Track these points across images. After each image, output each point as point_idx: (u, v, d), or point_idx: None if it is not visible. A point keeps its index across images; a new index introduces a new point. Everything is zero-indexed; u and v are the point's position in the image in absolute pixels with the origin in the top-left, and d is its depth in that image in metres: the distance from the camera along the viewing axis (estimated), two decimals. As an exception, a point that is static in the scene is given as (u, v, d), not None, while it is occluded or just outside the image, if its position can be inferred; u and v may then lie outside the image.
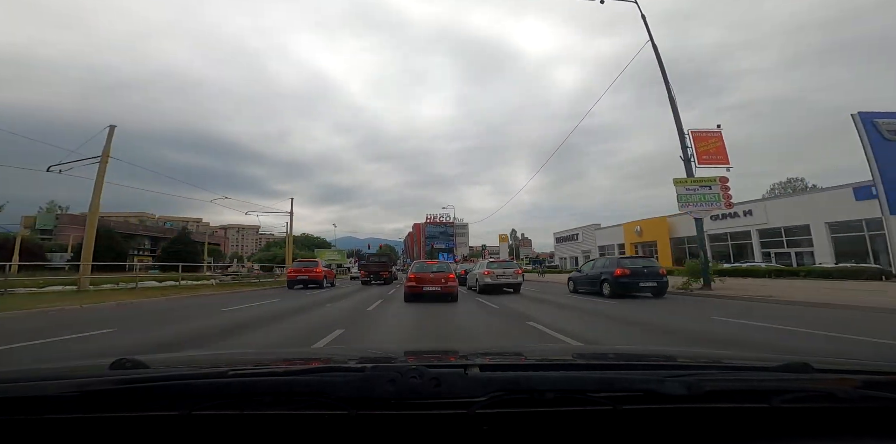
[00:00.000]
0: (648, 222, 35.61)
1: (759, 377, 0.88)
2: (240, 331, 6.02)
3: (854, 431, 0.74)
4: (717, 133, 13.94)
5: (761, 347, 4.59)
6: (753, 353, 2.97)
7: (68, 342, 5.07)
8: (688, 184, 13.26)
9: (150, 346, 4.81)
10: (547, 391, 0.71)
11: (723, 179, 13.27)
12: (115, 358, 0.90)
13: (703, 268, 12.87)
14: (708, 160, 13.63)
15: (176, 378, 0.80)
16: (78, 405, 0.71)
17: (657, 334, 5.71)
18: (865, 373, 0.91)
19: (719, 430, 0.74)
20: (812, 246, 22.98)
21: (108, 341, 5.10)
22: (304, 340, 5.26)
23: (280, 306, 10.09)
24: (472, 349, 1.82)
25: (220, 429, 0.73)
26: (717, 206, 13.16)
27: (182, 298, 12.29)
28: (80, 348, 4.68)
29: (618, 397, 0.73)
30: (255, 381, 0.77)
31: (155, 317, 7.84)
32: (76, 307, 8.82)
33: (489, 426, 0.71)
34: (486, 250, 75.63)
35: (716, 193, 13.07)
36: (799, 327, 5.78)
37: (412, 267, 12.27)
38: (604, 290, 11.85)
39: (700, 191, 13.13)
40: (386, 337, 5.69)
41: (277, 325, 6.74)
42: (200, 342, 5.04)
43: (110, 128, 15.39)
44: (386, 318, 7.65)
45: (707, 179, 13.34)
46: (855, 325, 6.00)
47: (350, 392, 0.69)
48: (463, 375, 0.72)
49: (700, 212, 13.23)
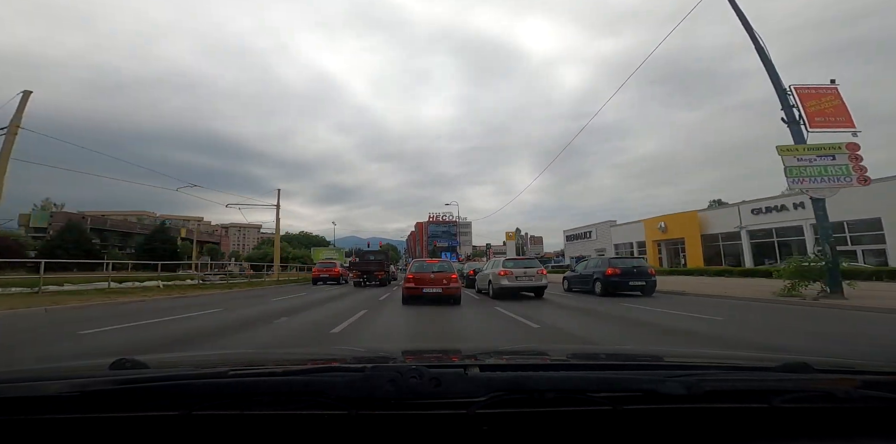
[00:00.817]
0: (675, 217, 31.92)
1: (759, 377, 0.88)
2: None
3: (854, 431, 0.73)
4: (832, 89, 10.40)
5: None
6: (753, 353, 2.83)
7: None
8: (801, 153, 9.74)
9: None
10: (547, 391, 0.71)
11: (852, 145, 9.69)
12: (115, 358, 0.91)
13: (829, 267, 9.16)
14: (824, 123, 10.07)
15: (176, 378, 0.80)
16: (78, 405, 0.71)
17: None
18: (865, 373, 0.92)
19: (719, 430, 0.74)
20: (884, 243, 19.49)
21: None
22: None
23: (200, 322, 6.92)
24: (472, 349, 1.82)
25: (220, 429, 0.73)
26: (846, 181, 9.50)
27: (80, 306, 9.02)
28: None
29: (618, 397, 0.73)
30: (255, 381, 0.76)
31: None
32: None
33: (489, 426, 0.71)
34: (491, 250, 72.96)
35: (843, 165, 9.55)
36: None
37: (411, 266, 10.95)
38: (596, 288, 12.20)
39: (819, 162, 9.64)
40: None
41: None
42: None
43: (24, 93, 12.39)
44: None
45: (828, 146, 9.80)
46: None
47: (350, 392, 0.68)
48: (463, 375, 0.71)
49: (820, 190, 9.63)
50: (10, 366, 2.33)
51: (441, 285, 9.62)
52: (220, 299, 11.70)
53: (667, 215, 32.50)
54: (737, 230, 26.78)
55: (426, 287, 9.59)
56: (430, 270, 10.21)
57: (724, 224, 27.93)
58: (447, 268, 10.57)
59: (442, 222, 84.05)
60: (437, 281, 9.68)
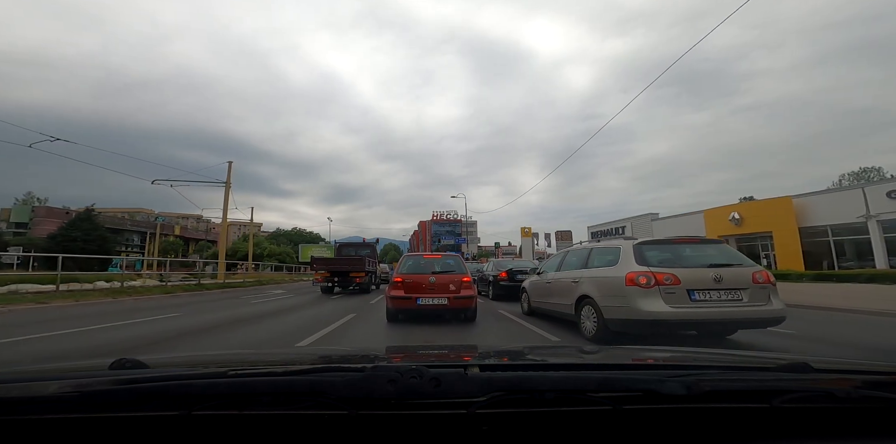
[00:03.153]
0: (756, 205, 23.95)
1: (759, 377, 0.87)
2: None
3: (854, 431, 0.73)
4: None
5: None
6: (754, 353, 2.78)
7: None
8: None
9: None
10: (547, 391, 0.70)
11: None
12: (114, 358, 0.90)
13: None
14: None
15: (176, 378, 0.78)
16: (78, 405, 0.70)
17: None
18: (865, 373, 0.90)
19: (719, 430, 0.73)
20: None
21: None
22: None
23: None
24: (472, 349, 1.84)
25: (220, 429, 0.73)
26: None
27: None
28: None
29: (618, 397, 0.72)
30: (255, 381, 0.75)
31: None
32: None
33: (489, 426, 0.71)
34: (500, 249, 66.14)
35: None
36: None
37: (400, 264, 7.36)
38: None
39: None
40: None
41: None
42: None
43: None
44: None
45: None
46: None
47: (350, 392, 0.68)
48: (463, 375, 0.70)
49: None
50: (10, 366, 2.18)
51: (446, 292, 6.43)
52: (113, 312, 8.09)
53: (742, 204, 24.83)
54: (861, 221, 19.22)
55: (423, 296, 6.40)
56: (430, 269, 6.94)
57: (836, 213, 20.36)
58: (455, 267, 7.14)
59: (446, 221, 78.14)
60: (440, 287, 6.49)
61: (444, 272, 6.82)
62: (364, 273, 13.94)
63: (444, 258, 7.46)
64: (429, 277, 6.65)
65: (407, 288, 6.52)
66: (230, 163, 22.01)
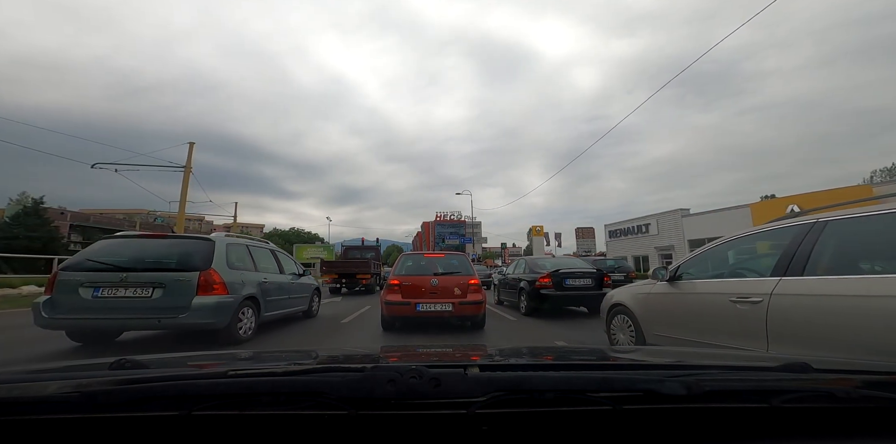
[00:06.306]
0: (822, 196, 19.09)
1: (759, 377, 0.86)
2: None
3: (854, 431, 0.73)
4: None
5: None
6: (753, 353, 2.75)
7: None
8: None
9: None
10: (547, 391, 0.70)
11: None
12: (115, 358, 0.90)
13: None
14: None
15: (176, 378, 0.78)
16: (78, 405, 0.70)
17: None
18: (865, 373, 0.90)
19: (719, 430, 0.73)
20: None
21: None
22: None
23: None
24: (472, 349, 1.83)
25: (220, 429, 0.72)
26: None
27: None
28: None
29: (618, 397, 0.72)
30: (255, 381, 0.75)
31: None
32: None
33: (489, 426, 0.71)
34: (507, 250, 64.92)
35: None
36: None
37: (397, 265, 6.47)
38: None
39: None
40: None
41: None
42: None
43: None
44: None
45: None
46: None
47: (350, 392, 0.68)
48: (463, 375, 0.70)
49: None
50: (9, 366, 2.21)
51: (450, 297, 5.69)
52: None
53: (802, 195, 21.49)
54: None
55: (423, 301, 5.61)
56: (431, 270, 6.14)
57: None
58: (460, 267, 6.24)
59: (449, 222, 76.52)
60: (444, 291, 5.74)
61: (448, 274, 6.05)
62: (370, 275, 14.96)
63: (447, 258, 6.68)
64: (430, 279, 5.88)
65: (405, 292, 5.75)
66: (191, 144, 19.69)
